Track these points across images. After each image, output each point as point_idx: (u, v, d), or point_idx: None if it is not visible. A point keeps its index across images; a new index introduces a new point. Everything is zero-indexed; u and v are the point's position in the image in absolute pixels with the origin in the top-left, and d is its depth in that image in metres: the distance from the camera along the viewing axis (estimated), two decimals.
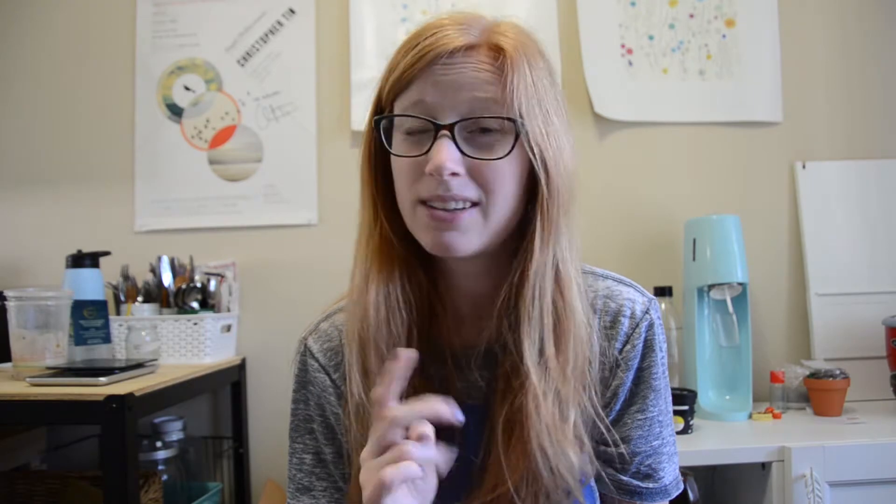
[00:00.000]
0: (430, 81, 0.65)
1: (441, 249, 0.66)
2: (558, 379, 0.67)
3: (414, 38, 0.67)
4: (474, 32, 0.66)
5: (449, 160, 0.63)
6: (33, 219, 1.81)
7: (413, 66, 0.65)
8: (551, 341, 0.68)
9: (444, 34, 0.65)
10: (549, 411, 0.66)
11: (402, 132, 0.68)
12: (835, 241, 1.69)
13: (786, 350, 1.71)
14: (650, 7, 1.76)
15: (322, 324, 0.80)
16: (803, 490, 1.24)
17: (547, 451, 0.65)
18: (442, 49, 0.64)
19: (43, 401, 1.15)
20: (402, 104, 0.67)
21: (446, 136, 0.64)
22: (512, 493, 0.66)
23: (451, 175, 0.63)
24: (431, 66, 0.65)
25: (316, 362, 0.77)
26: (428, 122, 0.65)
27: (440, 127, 0.64)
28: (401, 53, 0.68)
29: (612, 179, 1.75)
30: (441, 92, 0.64)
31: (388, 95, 0.69)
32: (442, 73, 0.65)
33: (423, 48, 0.65)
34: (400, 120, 0.67)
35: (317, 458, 0.78)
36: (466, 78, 0.64)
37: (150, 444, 1.51)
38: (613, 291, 0.76)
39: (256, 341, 1.73)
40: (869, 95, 1.76)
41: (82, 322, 1.41)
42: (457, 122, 0.64)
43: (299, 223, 1.77)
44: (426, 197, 0.65)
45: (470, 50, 0.65)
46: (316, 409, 0.78)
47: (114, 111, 1.81)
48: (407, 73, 0.66)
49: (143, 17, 1.82)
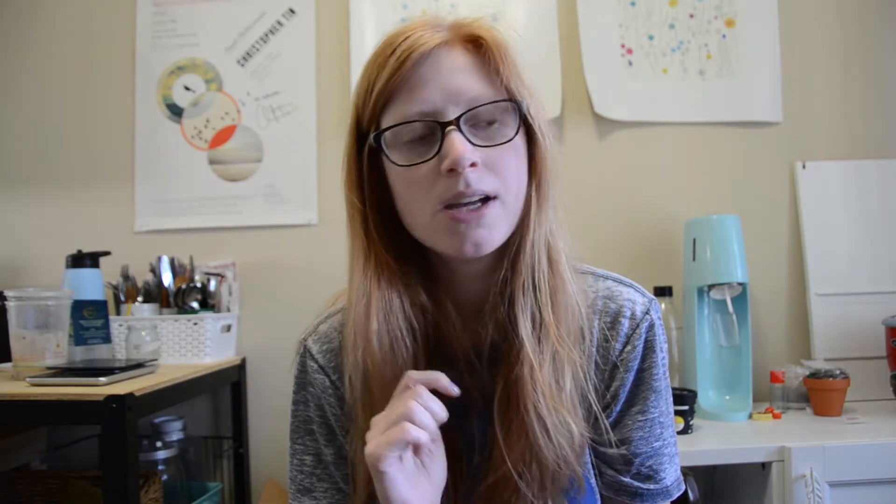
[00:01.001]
0: (420, 83, 0.64)
1: (471, 249, 0.65)
2: (554, 347, 0.68)
3: (385, 48, 0.67)
4: (444, 30, 0.67)
5: (466, 150, 0.62)
6: (33, 219, 1.81)
7: (397, 71, 0.64)
8: (549, 309, 0.68)
9: (419, 36, 0.65)
10: (545, 380, 0.67)
11: (401, 144, 0.66)
12: (835, 241, 1.69)
13: (786, 350, 1.71)
14: (650, 7, 1.76)
15: (321, 325, 0.79)
16: (803, 490, 1.24)
17: (545, 420, 0.66)
18: (423, 49, 0.64)
19: (43, 401, 1.15)
20: (395, 115, 0.65)
21: (455, 131, 0.63)
22: (511, 471, 0.66)
23: (471, 166, 0.63)
24: (416, 68, 0.64)
25: (315, 363, 0.77)
26: (432, 122, 0.64)
27: (446, 124, 0.64)
28: (374, 67, 0.67)
29: (612, 179, 1.75)
30: (434, 91, 0.64)
31: (371, 113, 0.67)
32: (430, 73, 0.65)
33: (402, 53, 0.64)
34: (395, 132, 0.65)
35: (317, 459, 0.78)
36: (455, 72, 0.65)
37: (150, 444, 1.52)
38: (614, 292, 0.75)
39: (256, 341, 1.73)
40: (869, 95, 1.76)
41: (82, 322, 1.41)
42: (461, 115, 0.64)
43: (299, 223, 1.77)
44: (447, 198, 0.64)
45: (447, 45, 0.66)
46: (316, 410, 0.77)
47: (114, 111, 1.81)
48: (392, 81, 0.65)
49: (143, 17, 1.82)
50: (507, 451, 0.67)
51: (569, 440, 0.67)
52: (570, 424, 0.67)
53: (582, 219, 1.72)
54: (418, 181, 0.65)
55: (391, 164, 0.67)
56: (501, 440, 0.67)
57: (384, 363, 0.68)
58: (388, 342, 0.68)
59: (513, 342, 0.68)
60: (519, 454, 0.66)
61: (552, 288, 0.69)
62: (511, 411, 0.68)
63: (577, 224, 0.74)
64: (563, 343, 0.68)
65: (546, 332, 0.68)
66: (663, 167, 1.76)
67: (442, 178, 0.64)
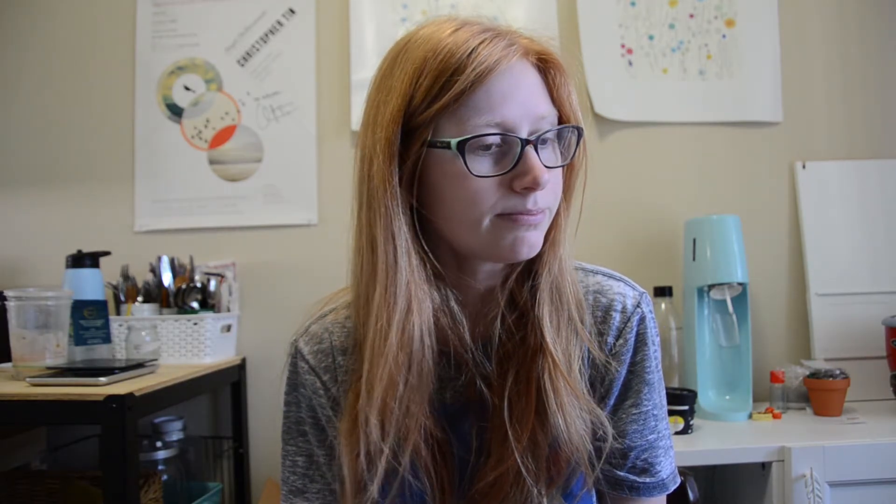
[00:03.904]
0: (502, 96, 0.64)
1: (526, 251, 0.67)
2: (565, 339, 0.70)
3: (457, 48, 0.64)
4: (511, 42, 0.66)
5: (544, 173, 0.64)
6: (33, 219, 1.81)
7: (481, 77, 0.63)
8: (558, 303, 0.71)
9: (494, 47, 0.64)
10: (563, 373, 0.69)
11: (472, 150, 0.64)
12: (835, 241, 1.69)
13: (786, 350, 1.71)
14: (650, 7, 1.76)
15: (312, 326, 0.79)
16: (803, 490, 1.24)
17: (565, 407, 0.68)
18: (508, 62, 0.64)
19: (43, 401, 1.15)
20: (470, 123, 0.64)
21: (532, 149, 0.64)
22: (518, 464, 0.67)
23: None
24: (500, 79, 0.64)
25: (306, 364, 0.77)
26: (514, 138, 0.64)
27: (526, 142, 0.64)
28: (446, 65, 0.64)
29: (612, 179, 1.75)
30: (514, 106, 0.64)
31: (435, 111, 0.64)
32: (511, 88, 0.64)
33: (487, 61, 0.63)
34: (473, 140, 0.64)
35: (309, 460, 0.78)
36: (532, 90, 0.66)
37: (150, 444, 1.52)
38: (604, 286, 0.76)
39: (256, 341, 1.74)
40: (869, 95, 1.76)
41: (82, 322, 1.41)
42: (541, 135, 0.65)
43: (299, 223, 1.77)
44: (510, 210, 0.65)
45: (523, 60, 0.67)
46: (307, 410, 0.78)
47: (114, 111, 1.81)
48: (473, 88, 0.63)
49: (143, 17, 1.82)
50: (516, 444, 0.67)
51: (587, 429, 0.69)
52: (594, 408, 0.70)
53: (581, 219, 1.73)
54: (485, 190, 0.64)
55: (453, 168, 0.65)
56: (511, 434, 0.67)
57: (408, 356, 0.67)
58: (426, 338, 0.68)
59: (527, 336, 0.70)
60: (529, 446, 0.67)
61: (559, 286, 0.71)
62: (524, 403, 0.69)
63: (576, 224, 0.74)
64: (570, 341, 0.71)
65: (560, 327, 0.70)
66: (663, 167, 1.76)
67: (510, 192, 0.65)
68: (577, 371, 0.71)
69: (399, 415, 0.66)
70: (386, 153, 0.65)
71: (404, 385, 0.66)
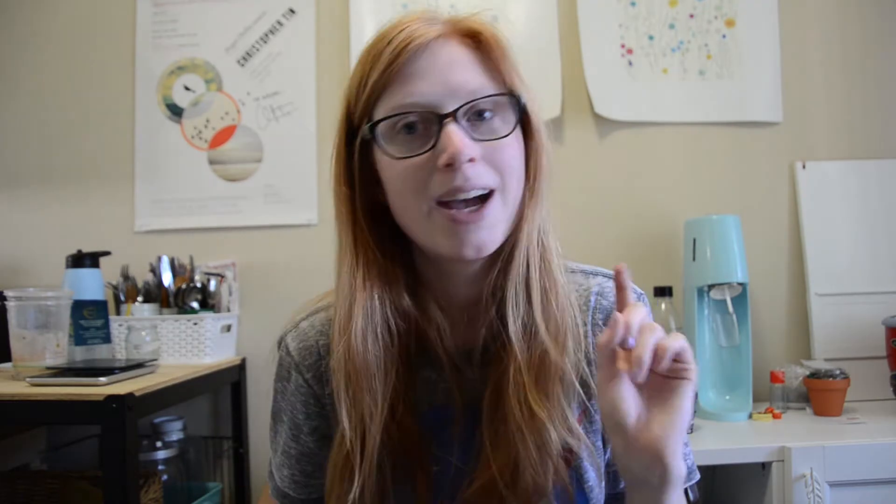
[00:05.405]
0: (417, 75, 0.63)
1: (472, 252, 0.63)
2: (544, 348, 0.66)
3: (380, 40, 0.65)
4: (440, 23, 0.66)
5: (465, 145, 0.60)
6: (33, 219, 1.81)
7: (392, 63, 0.62)
8: (540, 309, 0.67)
9: (415, 28, 0.64)
10: (531, 383, 0.65)
11: (395, 136, 0.63)
12: (835, 241, 1.69)
13: (786, 350, 1.71)
14: (650, 7, 1.76)
15: (302, 322, 0.79)
16: (803, 490, 1.24)
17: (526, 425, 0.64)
18: (421, 41, 0.63)
19: (43, 401, 1.14)
20: (390, 107, 0.63)
21: (452, 123, 0.61)
22: (496, 476, 0.64)
23: (469, 161, 0.61)
24: (413, 60, 0.63)
25: (291, 359, 0.77)
26: (429, 114, 0.62)
27: (443, 116, 0.62)
28: (368, 59, 0.65)
29: (612, 179, 1.75)
30: (432, 83, 0.62)
31: (364, 106, 0.65)
32: (428, 65, 0.63)
33: (399, 44, 0.63)
34: (391, 124, 0.63)
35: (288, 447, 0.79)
36: (454, 65, 0.63)
37: (150, 444, 1.51)
38: (605, 288, 0.75)
39: (256, 341, 1.73)
40: (869, 95, 1.76)
41: (82, 322, 1.41)
42: (459, 108, 0.62)
43: (299, 223, 1.77)
44: (442, 194, 0.62)
45: (445, 38, 0.65)
46: (288, 405, 0.78)
47: (114, 111, 1.81)
48: (387, 73, 0.63)
49: (143, 17, 1.82)
50: (493, 455, 0.65)
51: (549, 447, 0.65)
52: (550, 431, 0.64)
53: (581, 219, 1.73)
54: (412, 175, 0.63)
55: (384, 157, 0.65)
56: (488, 444, 0.66)
57: (365, 363, 0.66)
58: (369, 342, 0.67)
59: (503, 343, 0.68)
60: (504, 459, 0.65)
61: (545, 288, 0.68)
62: (498, 414, 0.66)
63: (576, 224, 0.74)
64: (554, 349, 0.66)
65: (536, 333, 0.66)
66: (663, 167, 1.76)
67: (438, 172, 0.62)
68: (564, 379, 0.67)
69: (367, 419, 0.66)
70: (340, 155, 0.68)
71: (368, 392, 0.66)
